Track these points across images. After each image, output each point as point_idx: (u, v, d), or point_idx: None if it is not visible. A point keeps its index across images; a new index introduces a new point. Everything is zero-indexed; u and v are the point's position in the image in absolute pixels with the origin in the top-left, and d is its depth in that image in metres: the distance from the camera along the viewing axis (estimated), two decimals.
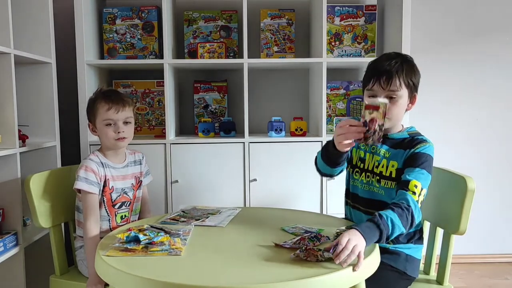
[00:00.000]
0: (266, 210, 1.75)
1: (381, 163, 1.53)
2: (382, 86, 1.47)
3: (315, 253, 1.18)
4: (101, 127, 1.69)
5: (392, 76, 1.46)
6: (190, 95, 2.55)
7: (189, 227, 1.48)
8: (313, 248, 1.20)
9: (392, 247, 1.50)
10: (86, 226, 1.61)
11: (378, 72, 1.48)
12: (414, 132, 1.55)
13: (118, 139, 1.68)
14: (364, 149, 1.59)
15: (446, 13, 2.73)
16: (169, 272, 1.13)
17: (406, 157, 1.48)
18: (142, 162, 1.84)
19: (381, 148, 1.54)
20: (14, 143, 1.80)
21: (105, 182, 1.68)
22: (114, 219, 1.73)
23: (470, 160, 2.77)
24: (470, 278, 2.63)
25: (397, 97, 1.47)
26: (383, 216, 1.29)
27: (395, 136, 1.55)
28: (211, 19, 2.46)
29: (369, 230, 1.26)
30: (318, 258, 1.17)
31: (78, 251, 1.74)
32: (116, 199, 1.72)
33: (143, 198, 1.85)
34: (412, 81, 1.49)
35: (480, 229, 2.78)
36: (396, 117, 1.51)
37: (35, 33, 2.10)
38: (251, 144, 2.25)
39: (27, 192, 1.64)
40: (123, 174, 1.75)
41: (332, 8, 2.41)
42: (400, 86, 1.47)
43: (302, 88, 2.65)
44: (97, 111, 1.70)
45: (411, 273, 1.51)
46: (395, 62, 1.48)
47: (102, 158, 1.71)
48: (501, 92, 2.78)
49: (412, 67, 1.51)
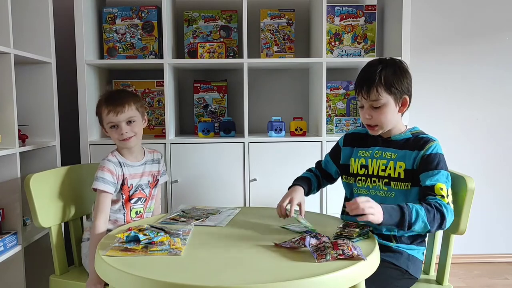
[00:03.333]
0: (266, 210, 1.75)
1: (388, 165, 1.52)
2: (364, 97, 1.50)
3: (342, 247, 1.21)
4: (108, 130, 1.73)
5: (371, 87, 1.48)
6: (190, 95, 2.55)
7: (189, 227, 1.48)
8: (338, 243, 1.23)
9: (394, 246, 1.50)
10: (95, 223, 1.63)
11: (359, 83, 1.52)
12: (417, 132, 1.55)
13: (123, 139, 1.70)
14: (365, 156, 1.58)
15: (446, 13, 2.73)
16: (169, 272, 1.13)
17: (418, 160, 1.47)
18: (160, 161, 1.87)
19: (386, 151, 1.54)
20: (14, 143, 1.80)
21: (123, 180, 1.71)
22: (129, 213, 1.75)
23: (470, 160, 2.77)
24: (469, 278, 2.63)
25: (381, 105, 1.48)
26: (410, 205, 1.34)
27: (398, 138, 1.55)
28: (211, 19, 2.46)
29: (392, 209, 1.32)
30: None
31: (84, 244, 1.76)
32: (133, 194, 1.75)
33: (156, 198, 1.88)
34: (395, 86, 1.48)
35: (480, 229, 2.78)
36: (386, 123, 1.51)
37: (35, 33, 2.10)
38: (251, 144, 2.25)
39: (27, 192, 1.64)
40: (141, 172, 1.78)
41: (332, 8, 2.41)
42: (380, 95, 1.47)
43: (302, 88, 2.65)
44: (101, 115, 1.73)
45: (413, 272, 1.51)
46: (373, 71, 1.49)
47: (120, 158, 1.74)
48: (501, 92, 2.78)
49: (395, 72, 1.49)
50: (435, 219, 1.35)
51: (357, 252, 1.19)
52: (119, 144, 1.74)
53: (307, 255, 1.22)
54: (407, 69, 1.54)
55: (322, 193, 2.26)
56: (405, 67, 1.54)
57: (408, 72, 1.54)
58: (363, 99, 1.51)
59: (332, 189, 2.24)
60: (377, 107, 1.49)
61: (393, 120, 1.52)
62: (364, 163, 1.58)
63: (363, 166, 1.58)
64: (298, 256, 1.22)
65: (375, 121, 1.51)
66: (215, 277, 1.11)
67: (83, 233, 1.81)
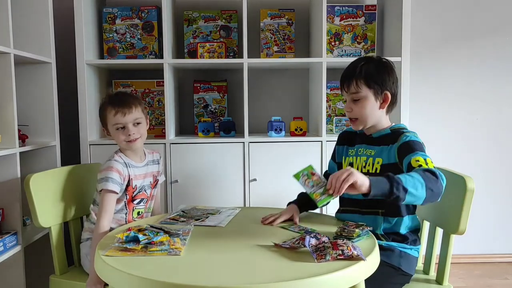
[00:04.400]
0: (266, 210, 1.75)
1: (367, 162, 1.55)
2: (345, 90, 1.56)
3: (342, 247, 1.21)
4: (113, 131, 1.73)
5: (351, 80, 1.53)
6: (190, 95, 2.55)
7: (188, 227, 1.48)
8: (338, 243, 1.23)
9: (385, 244, 1.50)
10: (100, 222, 1.63)
11: (342, 76, 1.58)
12: (397, 128, 1.57)
13: (130, 141, 1.71)
14: (351, 154, 1.62)
15: (446, 13, 2.73)
16: (169, 272, 1.13)
17: (394, 152, 1.48)
18: (159, 162, 1.88)
19: (367, 148, 1.57)
20: (14, 142, 1.80)
21: (128, 181, 1.72)
22: (131, 213, 1.75)
23: (470, 160, 2.77)
24: (470, 278, 2.63)
25: (360, 98, 1.52)
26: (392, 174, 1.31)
27: (377, 134, 1.57)
28: (211, 19, 2.46)
29: (376, 178, 1.30)
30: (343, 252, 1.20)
31: (83, 244, 1.76)
32: (136, 194, 1.75)
33: (155, 198, 1.88)
34: (375, 81, 1.51)
35: (480, 229, 2.78)
36: (366, 117, 1.53)
37: (35, 33, 2.10)
38: (251, 144, 2.25)
39: (27, 192, 1.64)
40: (144, 173, 1.79)
41: (332, 8, 2.41)
42: (359, 87, 1.52)
43: (302, 88, 2.65)
44: (106, 117, 1.73)
45: (406, 269, 1.50)
46: (356, 66, 1.55)
47: (125, 159, 1.74)
48: (501, 92, 2.78)
49: (376, 68, 1.53)
50: (427, 176, 1.31)
51: (357, 252, 1.19)
52: (124, 146, 1.73)
53: (307, 255, 1.21)
54: (391, 67, 1.57)
55: None
56: (389, 65, 1.57)
57: (392, 69, 1.57)
58: (344, 92, 1.57)
59: None
60: (356, 99, 1.53)
61: (374, 115, 1.54)
62: (351, 161, 1.61)
63: (350, 164, 1.61)
64: (297, 256, 1.22)
65: (355, 114, 1.55)
66: (215, 277, 1.11)
67: (82, 233, 1.81)
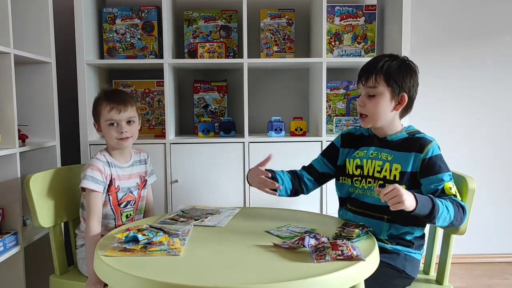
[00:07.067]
0: (265, 210, 1.75)
1: (383, 167, 1.50)
2: (362, 83, 1.51)
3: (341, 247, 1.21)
4: (105, 127, 1.70)
5: (370, 73, 1.48)
6: (190, 95, 2.55)
7: (188, 227, 1.48)
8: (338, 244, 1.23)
9: (390, 247, 1.50)
10: (89, 224, 1.61)
11: (362, 69, 1.53)
12: (413, 131, 1.54)
13: (121, 139, 1.69)
14: (360, 156, 1.57)
15: (446, 13, 2.73)
16: (168, 272, 1.13)
17: (418, 163, 1.46)
18: (147, 162, 1.85)
19: (382, 152, 1.53)
20: (14, 142, 1.80)
21: (111, 181, 1.69)
22: (119, 218, 1.74)
23: (470, 160, 2.77)
24: (470, 278, 2.63)
25: (376, 94, 1.48)
26: (437, 199, 1.35)
27: (394, 138, 1.53)
28: (211, 19, 2.46)
29: (424, 199, 1.32)
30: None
31: (79, 250, 1.75)
32: (122, 198, 1.73)
33: (148, 198, 1.87)
34: (395, 80, 1.46)
35: (480, 229, 2.78)
36: (377, 115, 1.50)
37: (35, 33, 2.10)
38: (251, 144, 2.25)
39: (27, 192, 1.64)
40: (129, 174, 1.76)
41: (332, 8, 2.41)
42: (377, 83, 1.47)
43: (302, 88, 2.65)
44: (100, 112, 1.71)
45: (410, 272, 1.50)
46: (379, 61, 1.50)
47: (109, 158, 1.72)
48: (501, 91, 2.78)
49: (399, 67, 1.48)
50: (459, 213, 1.38)
51: (356, 252, 1.19)
52: (114, 144, 1.71)
53: (306, 255, 1.21)
54: (415, 70, 1.52)
55: (322, 193, 2.26)
56: (413, 67, 1.52)
57: (415, 72, 1.52)
58: (361, 85, 1.52)
59: (332, 189, 2.23)
60: (372, 95, 1.49)
61: (386, 115, 1.50)
62: (360, 164, 1.57)
63: (358, 167, 1.57)
64: (297, 256, 1.22)
65: (367, 110, 1.51)
66: (214, 277, 1.11)
67: (76, 240, 1.78)
